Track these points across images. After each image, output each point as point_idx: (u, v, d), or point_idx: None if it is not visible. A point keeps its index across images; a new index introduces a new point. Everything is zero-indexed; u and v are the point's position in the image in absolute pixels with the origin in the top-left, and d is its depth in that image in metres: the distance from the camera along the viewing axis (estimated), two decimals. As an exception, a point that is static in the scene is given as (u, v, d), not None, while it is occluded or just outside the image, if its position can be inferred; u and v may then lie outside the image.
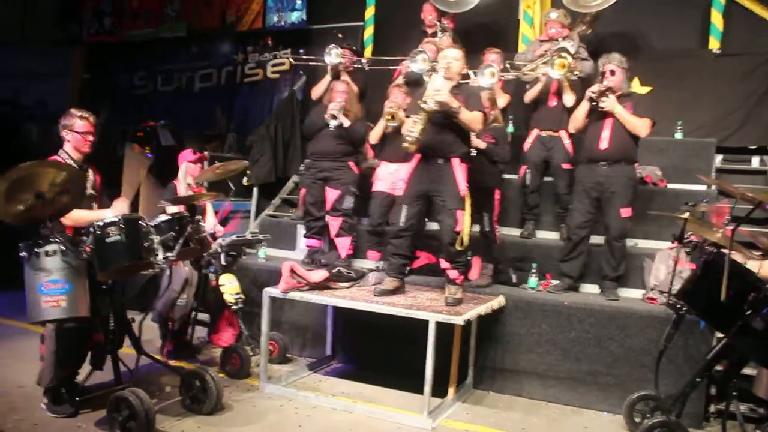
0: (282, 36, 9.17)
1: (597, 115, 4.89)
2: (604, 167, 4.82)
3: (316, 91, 6.47)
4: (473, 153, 4.85)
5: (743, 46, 6.69)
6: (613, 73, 4.83)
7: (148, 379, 4.48)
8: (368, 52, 8.17)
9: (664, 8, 7.04)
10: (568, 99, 5.44)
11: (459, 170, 4.40)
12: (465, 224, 4.39)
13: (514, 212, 5.95)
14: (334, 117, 5.51)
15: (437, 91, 4.23)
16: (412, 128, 4.33)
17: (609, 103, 4.74)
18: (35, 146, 10.08)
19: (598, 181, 4.83)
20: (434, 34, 6.42)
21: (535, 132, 5.75)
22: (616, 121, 4.78)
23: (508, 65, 6.03)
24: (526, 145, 5.79)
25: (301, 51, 8.36)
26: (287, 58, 8.83)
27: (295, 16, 8.84)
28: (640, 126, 4.74)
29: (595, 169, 4.85)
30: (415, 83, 5.66)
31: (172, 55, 10.23)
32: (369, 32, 8.32)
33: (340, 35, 8.48)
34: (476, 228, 5.12)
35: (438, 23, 6.48)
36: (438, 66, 4.46)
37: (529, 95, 5.87)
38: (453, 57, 4.49)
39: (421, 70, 5.49)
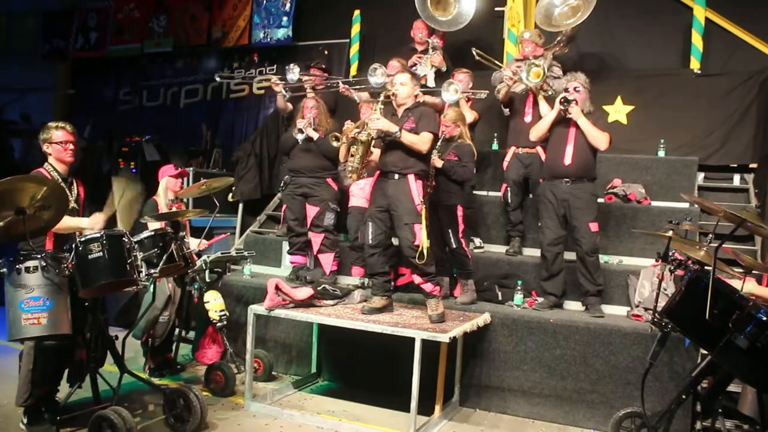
0: (268, 52, 9.19)
1: (560, 129, 4.97)
2: (567, 184, 4.88)
3: (278, 105, 6.71)
4: (431, 171, 4.95)
5: (723, 66, 6.81)
6: (577, 90, 4.93)
7: (131, 398, 4.43)
8: (354, 69, 8.22)
9: (646, 29, 7.17)
10: (544, 107, 5.40)
11: (414, 186, 4.45)
12: (423, 238, 4.41)
13: (499, 230, 5.98)
14: (300, 131, 5.58)
15: (375, 120, 4.41)
16: (352, 159, 4.53)
17: (575, 111, 4.82)
18: (19, 161, 10.01)
19: (562, 198, 4.89)
20: (425, 51, 6.48)
21: (512, 149, 5.79)
22: (579, 138, 4.86)
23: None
24: (505, 163, 5.84)
25: (287, 68, 8.39)
26: (273, 74, 8.84)
27: (281, 33, 8.87)
28: (601, 138, 4.83)
29: (559, 186, 4.92)
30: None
31: (158, 71, 10.22)
32: (355, 49, 8.36)
33: (326, 52, 8.54)
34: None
35: (428, 41, 6.53)
36: (384, 94, 4.59)
37: (501, 94, 5.91)
38: (399, 82, 4.58)
39: (379, 84, 5.60)
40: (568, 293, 5.11)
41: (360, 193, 5.64)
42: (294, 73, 6.34)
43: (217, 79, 8.16)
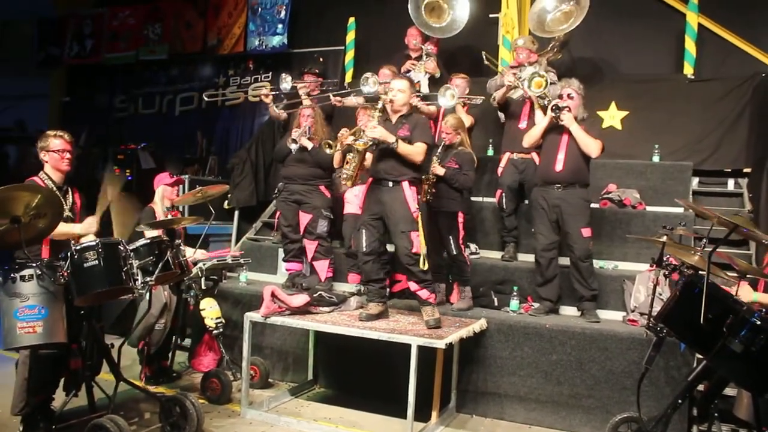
0: (263, 60, 9.21)
1: (552, 136, 4.98)
2: (559, 190, 4.89)
3: (272, 114, 6.78)
4: (431, 179, 5.02)
5: (716, 71, 6.86)
6: (570, 96, 4.94)
7: (127, 406, 4.42)
8: (349, 75, 8.24)
9: (639, 35, 7.22)
10: (539, 115, 5.25)
11: (409, 192, 4.46)
12: (421, 245, 4.42)
13: (494, 235, 5.98)
14: (294, 141, 5.57)
15: (372, 128, 4.40)
16: (347, 166, 4.51)
17: (567, 119, 4.83)
18: (13, 169, 9.99)
19: (554, 204, 4.90)
20: (419, 58, 6.51)
21: (507, 155, 5.79)
22: (571, 144, 4.87)
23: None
24: (500, 169, 5.83)
25: (282, 75, 8.39)
26: (267, 82, 8.86)
27: (276, 40, 8.89)
28: (593, 145, 4.83)
29: (550, 192, 4.93)
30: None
31: (153, 78, 10.22)
32: (350, 56, 8.39)
33: (321, 59, 8.56)
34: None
35: (422, 47, 6.56)
36: (381, 100, 4.57)
37: (498, 95, 5.93)
38: (398, 88, 4.56)
39: (371, 93, 5.62)
40: (563, 298, 5.11)
41: (355, 200, 5.63)
42: (287, 82, 6.38)
43: (205, 98, 8.25)
